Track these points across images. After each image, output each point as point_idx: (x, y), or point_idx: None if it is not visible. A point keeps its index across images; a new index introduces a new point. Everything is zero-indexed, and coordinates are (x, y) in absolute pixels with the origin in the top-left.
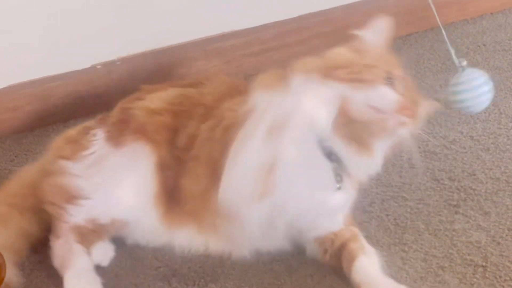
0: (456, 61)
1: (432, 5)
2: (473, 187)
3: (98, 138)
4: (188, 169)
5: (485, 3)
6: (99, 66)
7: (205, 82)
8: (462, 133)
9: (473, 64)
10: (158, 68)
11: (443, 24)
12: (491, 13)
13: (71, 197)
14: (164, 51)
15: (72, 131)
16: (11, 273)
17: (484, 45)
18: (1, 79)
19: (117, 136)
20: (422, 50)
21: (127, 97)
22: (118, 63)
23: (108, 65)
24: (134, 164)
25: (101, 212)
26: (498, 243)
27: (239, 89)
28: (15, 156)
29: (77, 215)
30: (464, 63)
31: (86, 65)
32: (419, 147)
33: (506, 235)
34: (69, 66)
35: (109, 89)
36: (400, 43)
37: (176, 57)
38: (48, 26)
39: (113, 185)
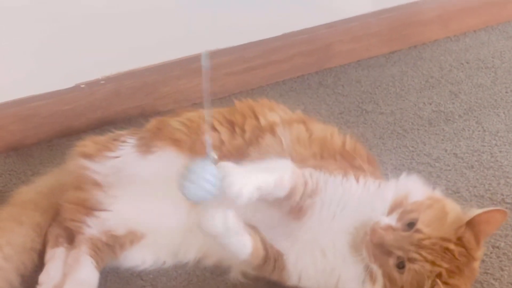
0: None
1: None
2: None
3: (127, 144)
4: None
5: (468, 20)
6: (83, 85)
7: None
8: (446, 150)
9: (456, 82)
10: (142, 87)
11: (427, 42)
12: (474, 31)
13: (89, 210)
14: (148, 70)
15: (101, 137)
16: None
17: (467, 62)
18: None
19: (147, 143)
20: (406, 68)
21: (110, 116)
22: (102, 82)
23: (92, 84)
24: (161, 172)
25: (117, 223)
26: (483, 261)
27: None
28: None
29: (94, 227)
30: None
31: (70, 84)
32: (403, 165)
33: (491, 253)
34: (53, 86)
35: (93, 108)
36: (383, 61)
37: (160, 76)
38: (31, 46)
39: (133, 196)
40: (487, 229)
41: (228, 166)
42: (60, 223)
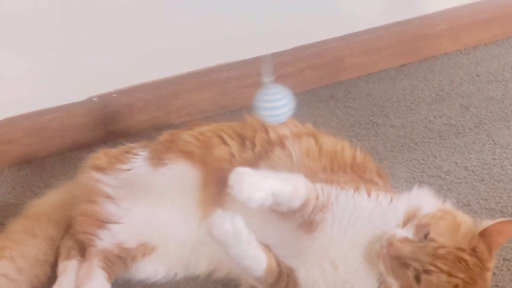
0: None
1: None
2: None
3: (139, 156)
4: None
5: (478, 34)
6: (95, 99)
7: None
8: (456, 163)
9: (467, 95)
10: (154, 100)
11: (437, 55)
12: (485, 44)
13: (101, 223)
14: (160, 83)
15: (114, 149)
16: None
17: (477, 75)
18: None
19: (159, 156)
20: (416, 81)
21: (123, 129)
22: (114, 95)
23: (105, 98)
24: (173, 184)
25: (129, 235)
26: (494, 273)
27: None
28: (12, 189)
29: (105, 239)
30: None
31: (83, 97)
32: (414, 178)
33: (501, 265)
34: (65, 99)
35: (105, 121)
36: (394, 74)
37: (172, 89)
38: (44, 59)
39: (145, 208)
40: (499, 240)
41: (243, 170)
42: (72, 236)
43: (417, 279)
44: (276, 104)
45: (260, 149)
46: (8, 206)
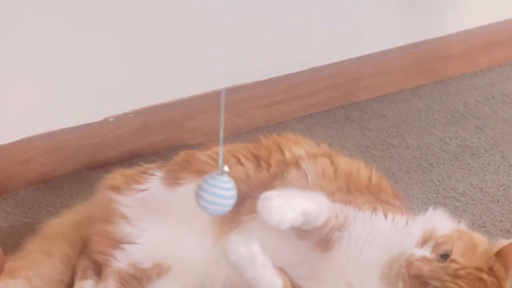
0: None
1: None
2: None
3: (155, 177)
4: None
5: (493, 55)
6: (111, 119)
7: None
8: (472, 185)
9: (482, 116)
10: (170, 121)
11: (452, 76)
12: (500, 66)
13: (117, 243)
14: (176, 103)
15: (130, 169)
16: None
17: (492, 97)
18: (14, 132)
19: (175, 175)
20: (431, 102)
21: (139, 149)
22: (130, 116)
23: (121, 118)
24: (188, 205)
25: (144, 256)
26: None
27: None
28: (29, 208)
29: (121, 259)
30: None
31: (99, 118)
32: (429, 199)
33: None
34: (82, 119)
35: (121, 141)
36: (409, 95)
37: (187, 109)
38: (60, 79)
39: (160, 228)
40: None
41: (269, 194)
42: (88, 256)
43: None
44: (226, 194)
45: (276, 170)
46: (25, 226)
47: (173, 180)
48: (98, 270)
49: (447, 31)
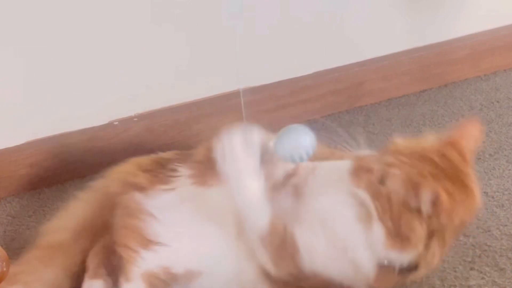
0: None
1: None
2: (488, 243)
3: (180, 174)
4: None
5: (498, 60)
6: (116, 123)
7: None
8: None
9: (487, 121)
10: (174, 124)
11: (457, 81)
12: (504, 70)
13: (147, 242)
14: (181, 107)
15: (144, 160)
16: None
17: (497, 101)
18: (19, 136)
19: (203, 175)
20: (436, 107)
21: (143, 153)
22: (135, 119)
23: (125, 122)
24: (220, 207)
25: (177, 261)
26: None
27: None
28: (33, 212)
29: (150, 261)
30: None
31: (104, 121)
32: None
33: None
34: (86, 123)
35: (126, 145)
36: (414, 99)
37: (192, 113)
38: (65, 83)
39: (196, 232)
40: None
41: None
42: (105, 249)
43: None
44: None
45: None
46: (29, 230)
47: (201, 179)
48: (112, 268)
49: (452, 35)
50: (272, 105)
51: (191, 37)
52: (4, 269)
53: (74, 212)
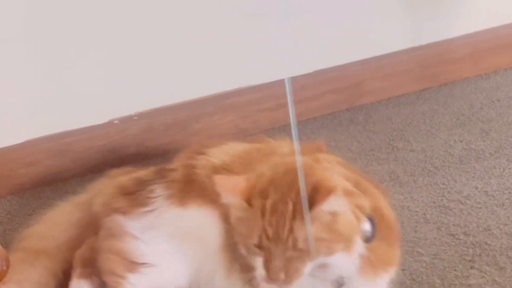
0: None
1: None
2: (488, 242)
3: (158, 195)
4: None
5: (498, 59)
6: (116, 121)
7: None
8: (477, 188)
9: (487, 119)
10: (174, 123)
11: (457, 80)
12: (505, 69)
13: (134, 265)
14: (181, 106)
15: (125, 181)
16: None
17: (498, 100)
18: (19, 134)
19: (181, 195)
20: (436, 105)
21: (143, 152)
22: (135, 118)
23: (126, 120)
24: (200, 226)
25: (166, 280)
26: None
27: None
28: (33, 211)
29: (139, 284)
30: None
31: (104, 120)
32: (434, 202)
33: None
34: (86, 121)
35: (126, 143)
36: (414, 98)
37: (192, 112)
38: (66, 82)
39: (181, 250)
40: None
41: None
42: (92, 250)
43: None
44: None
45: None
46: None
47: (179, 200)
48: (99, 268)
49: (452, 34)
50: (272, 104)
51: (191, 37)
52: (4, 267)
53: (58, 222)
